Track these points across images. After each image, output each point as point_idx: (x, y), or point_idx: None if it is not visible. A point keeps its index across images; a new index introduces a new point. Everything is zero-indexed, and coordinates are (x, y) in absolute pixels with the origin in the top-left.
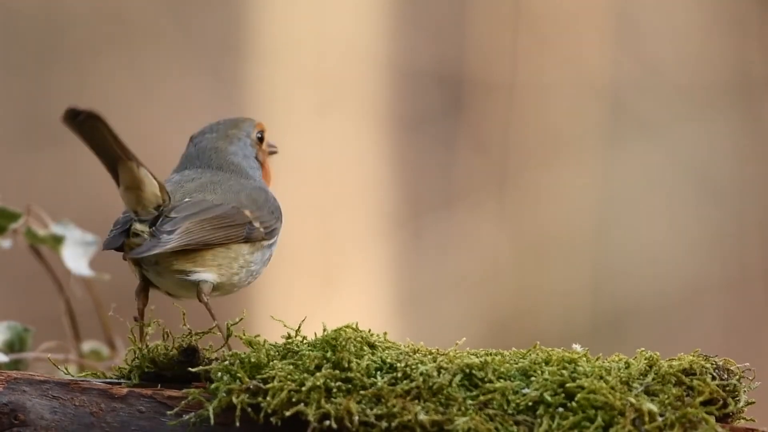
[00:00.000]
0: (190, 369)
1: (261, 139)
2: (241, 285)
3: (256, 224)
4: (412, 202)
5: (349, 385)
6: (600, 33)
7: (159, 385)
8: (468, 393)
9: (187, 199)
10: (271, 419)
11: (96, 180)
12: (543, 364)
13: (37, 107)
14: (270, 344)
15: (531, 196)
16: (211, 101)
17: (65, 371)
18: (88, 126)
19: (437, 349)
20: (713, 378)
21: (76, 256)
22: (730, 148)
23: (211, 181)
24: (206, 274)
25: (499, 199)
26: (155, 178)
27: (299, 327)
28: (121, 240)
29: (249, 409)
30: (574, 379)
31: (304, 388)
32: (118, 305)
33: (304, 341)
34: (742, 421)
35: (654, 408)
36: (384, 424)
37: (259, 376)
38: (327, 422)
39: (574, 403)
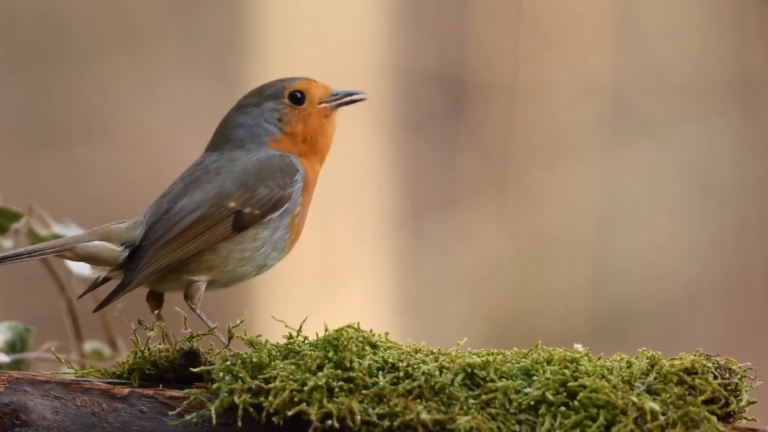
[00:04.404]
0: (191, 369)
1: (299, 100)
2: (251, 272)
3: (246, 210)
4: (413, 202)
5: (351, 385)
6: (601, 34)
7: (161, 386)
8: (470, 392)
9: (161, 219)
10: (273, 419)
11: (98, 180)
12: (545, 363)
13: (38, 107)
14: (272, 344)
15: (532, 196)
16: (213, 102)
17: (69, 366)
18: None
19: (439, 349)
20: (715, 377)
21: None
22: (732, 148)
23: (198, 177)
24: (197, 277)
25: (501, 199)
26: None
27: (300, 327)
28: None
29: (251, 409)
30: (576, 378)
31: (306, 388)
32: (120, 305)
33: (306, 341)
34: (743, 420)
35: (656, 407)
36: (386, 423)
37: (261, 376)
38: (329, 422)
39: (576, 402)
